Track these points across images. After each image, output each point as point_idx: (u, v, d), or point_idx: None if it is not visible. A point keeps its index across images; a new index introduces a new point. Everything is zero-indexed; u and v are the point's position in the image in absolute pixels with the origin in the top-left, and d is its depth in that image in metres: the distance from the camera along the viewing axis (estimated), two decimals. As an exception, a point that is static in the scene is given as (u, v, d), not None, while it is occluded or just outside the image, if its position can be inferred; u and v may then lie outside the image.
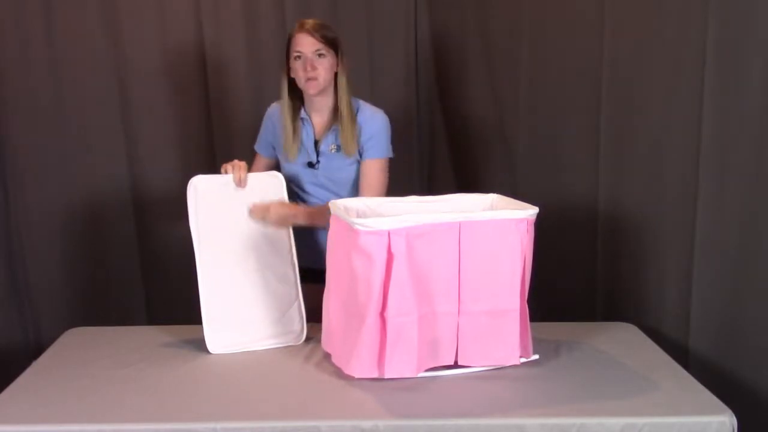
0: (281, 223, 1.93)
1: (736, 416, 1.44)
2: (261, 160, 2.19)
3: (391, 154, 2.08)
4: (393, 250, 1.54)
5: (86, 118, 2.63)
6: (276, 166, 2.16)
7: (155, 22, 2.63)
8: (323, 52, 1.97)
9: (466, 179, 2.85)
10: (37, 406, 1.52)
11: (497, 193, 1.88)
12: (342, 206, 1.72)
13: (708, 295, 1.83)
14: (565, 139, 2.34)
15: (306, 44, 1.96)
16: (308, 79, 1.96)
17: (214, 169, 2.74)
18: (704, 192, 1.80)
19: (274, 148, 2.15)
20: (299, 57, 1.97)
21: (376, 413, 1.47)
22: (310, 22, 1.99)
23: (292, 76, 2.02)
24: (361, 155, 2.04)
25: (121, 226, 2.71)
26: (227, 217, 1.90)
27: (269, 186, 1.96)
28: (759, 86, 1.64)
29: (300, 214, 1.97)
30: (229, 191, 1.92)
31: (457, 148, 2.90)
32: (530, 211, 1.66)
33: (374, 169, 2.03)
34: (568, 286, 2.39)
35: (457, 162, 2.92)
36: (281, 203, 1.95)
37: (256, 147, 2.20)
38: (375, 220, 1.56)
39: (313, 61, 1.96)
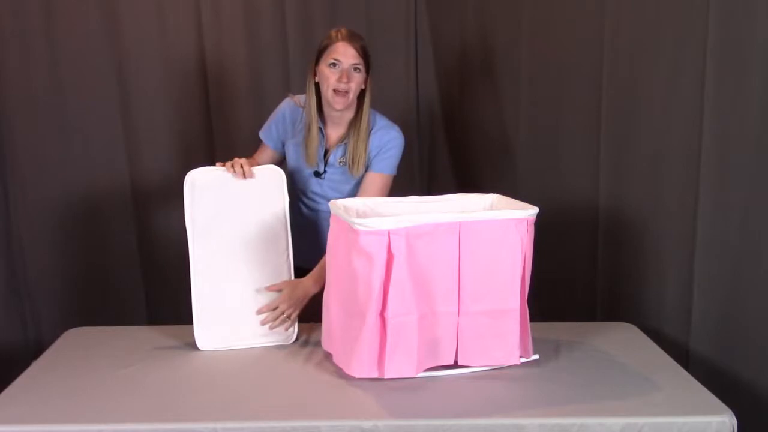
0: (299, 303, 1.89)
1: (736, 416, 1.44)
2: (266, 150, 2.12)
3: (395, 173, 2.03)
4: (393, 250, 1.54)
5: (86, 118, 2.64)
6: (281, 160, 2.13)
7: (155, 24, 2.63)
8: (359, 67, 1.93)
9: (466, 179, 2.85)
10: (37, 406, 1.52)
11: (497, 193, 1.88)
12: (342, 206, 1.72)
13: (708, 295, 1.83)
14: (565, 139, 2.34)
15: (347, 55, 1.91)
16: (338, 92, 1.91)
17: (214, 163, 2.75)
18: (705, 192, 1.79)
19: (283, 144, 2.11)
20: (335, 65, 1.91)
21: (376, 413, 1.47)
22: (351, 32, 1.94)
23: (317, 80, 1.97)
24: (367, 168, 2.00)
25: (121, 227, 2.72)
26: (224, 212, 1.88)
27: (269, 180, 1.91)
28: (759, 86, 1.64)
29: (310, 287, 1.90)
30: (226, 185, 1.88)
31: (457, 148, 2.90)
32: (530, 211, 1.66)
33: (377, 183, 1.99)
34: (568, 286, 2.39)
35: (457, 162, 2.92)
36: (292, 286, 1.88)
37: (262, 135, 2.13)
38: (375, 220, 1.56)
39: (349, 73, 1.91)
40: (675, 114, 1.88)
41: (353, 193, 2.05)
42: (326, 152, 2.04)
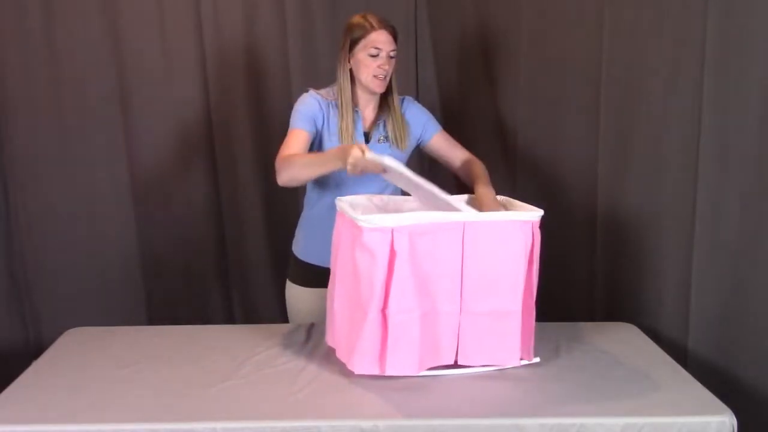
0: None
1: (736, 416, 1.44)
2: (301, 135, 1.97)
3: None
4: (396, 247, 1.54)
5: (86, 118, 2.63)
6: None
7: (155, 24, 2.63)
8: (395, 52, 2.02)
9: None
10: (37, 406, 1.52)
11: (496, 193, 1.88)
12: (347, 203, 1.72)
13: (708, 295, 1.83)
14: (564, 139, 2.34)
15: (387, 43, 1.99)
16: (377, 77, 1.99)
17: (214, 163, 2.75)
18: (704, 192, 1.80)
19: (318, 133, 2.03)
20: (376, 54, 1.98)
21: (376, 413, 1.47)
22: (380, 18, 2.02)
23: (350, 66, 2.03)
24: (420, 141, 2.16)
25: (121, 226, 2.71)
26: None
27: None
28: (759, 86, 1.64)
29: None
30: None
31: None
32: (535, 214, 1.65)
33: (449, 138, 2.17)
34: (568, 285, 2.39)
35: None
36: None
37: (299, 124, 1.99)
38: (378, 217, 1.56)
39: (388, 60, 2.00)
40: (674, 114, 1.88)
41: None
42: (366, 134, 2.08)
